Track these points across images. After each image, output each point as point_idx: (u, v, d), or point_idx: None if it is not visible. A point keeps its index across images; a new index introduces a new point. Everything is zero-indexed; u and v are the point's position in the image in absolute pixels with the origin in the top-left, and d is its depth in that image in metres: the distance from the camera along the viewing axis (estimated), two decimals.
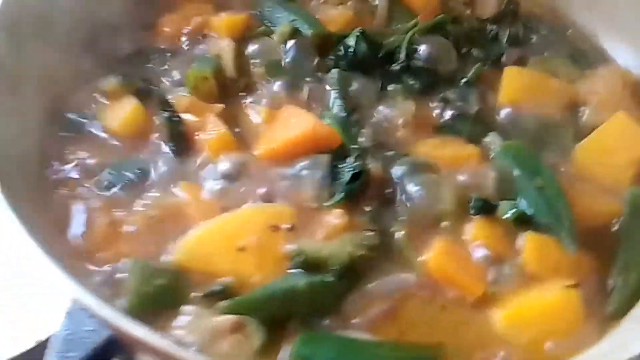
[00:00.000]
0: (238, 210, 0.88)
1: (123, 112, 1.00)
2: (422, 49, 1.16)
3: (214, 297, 0.78)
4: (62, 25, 1.08)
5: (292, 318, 0.77)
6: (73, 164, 0.95)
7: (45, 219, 0.84)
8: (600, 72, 1.15)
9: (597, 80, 1.13)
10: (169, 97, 1.04)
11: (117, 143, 0.99)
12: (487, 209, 0.92)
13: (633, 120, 1.02)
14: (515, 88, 1.11)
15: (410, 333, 0.77)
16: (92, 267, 0.82)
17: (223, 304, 0.76)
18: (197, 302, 0.78)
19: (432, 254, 0.85)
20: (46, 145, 0.96)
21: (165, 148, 0.97)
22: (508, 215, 0.89)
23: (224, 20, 1.19)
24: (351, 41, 1.15)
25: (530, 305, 0.80)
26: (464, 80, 1.14)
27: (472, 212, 0.91)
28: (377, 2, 1.28)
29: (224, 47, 1.12)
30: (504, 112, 1.09)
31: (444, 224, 0.90)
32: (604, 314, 0.82)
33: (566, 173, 0.99)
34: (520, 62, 1.18)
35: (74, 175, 0.93)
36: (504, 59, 1.19)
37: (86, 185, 0.92)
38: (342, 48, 1.15)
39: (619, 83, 1.11)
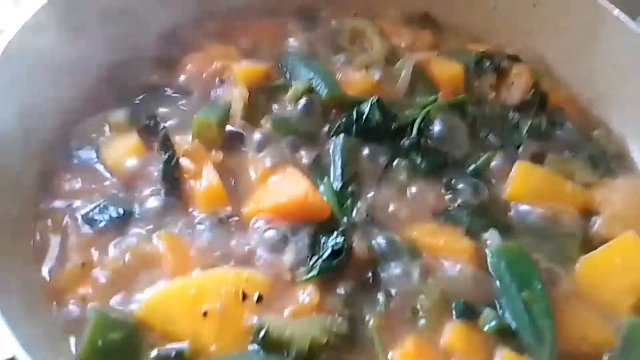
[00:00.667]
0: (210, 271, 0.86)
1: (123, 147, 1.01)
2: (436, 127, 1.13)
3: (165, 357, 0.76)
4: (81, 52, 1.10)
5: None
6: (65, 194, 0.95)
7: (25, 246, 0.84)
8: (619, 182, 1.09)
9: (615, 190, 1.07)
10: (173, 138, 1.04)
11: (112, 178, 0.99)
12: (469, 313, 0.87)
13: None
14: (526, 185, 1.06)
15: None
16: (56, 306, 0.81)
17: None
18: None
19: (400, 353, 0.80)
20: (43, 171, 0.97)
21: (154, 191, 0.97)
22: (488, 327, 0.84)
23: (243, 68, 1.20)
24: (365, 108, 1.13)
25: None
26: (472, 167, 1.10)
27: (453, 314, 0.87)
28: (402, 71, 1.26)
29: (236, 96, 1.12)
30: (509, 209, 1.05)
31: (422, 321, 0.85)
32: None
33: (564, 286, 0.93)
34: (538, 156, 1.14)
35: (62, 205, 0.94)
36: (520, 150, 1.15)
37: (70, 217, 0.92)
38: (355, 113, 1.13)
39: (638, 197, 1.05)
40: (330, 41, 1.34)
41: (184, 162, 1.00)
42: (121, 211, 0.93)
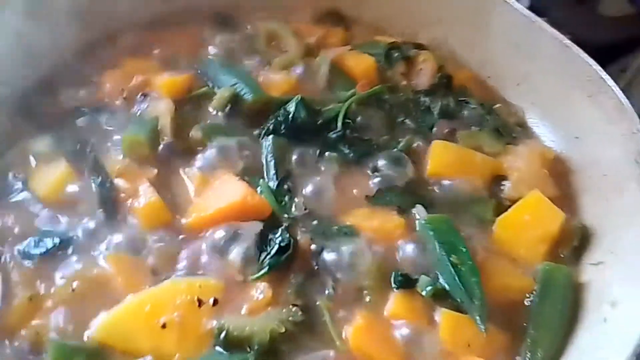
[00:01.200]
0: (163, 283, 0.88)
1: (52, 176, 0.99)
2: (360, 119, 1.21)
3: None
4: None
5: None
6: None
7: None
8: (521, 148, 1.23)
9: (518, 156, 1.20)
10: (103, 160, 1.04)
11: (45, 208, 0.98)
12: (407, 283, 0.96)
13: (547, 199, 1.09)
14: (442, 162, 1.17)
15: None
16: (10, 344, 0.80)
17: None
18: None
19: (352, 330, 0.88)
20: None
21: (93, 216, 0.97)
22: (426, 291, 0.93)
23: (165, 81, 1.21)
24: (291, 107, 1.18)
25: None
26: (395, 150, 1.19)
27: (393, 286, 0.95)
28: (319, 69, 1.33)
29: (162, 110, 1.13)
30: (431, 184, 1.15)
31: (367, 298, 0.93)
32: None
33: (485, 246, 1.05)
34: (450, 134, 1.25)
35: (3, 240, 0.92)
36: (434, 130, 1.26)
37: (8, 253, 0.90)
38: (281, 114, 1.18)
39: (538, 160, 1.19)
40: (248, 45, 1.38)
41: (119, 182, 1.01)
42: (58, 240, 0.92)
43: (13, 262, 0.90)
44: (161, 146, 1.10)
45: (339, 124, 1.20)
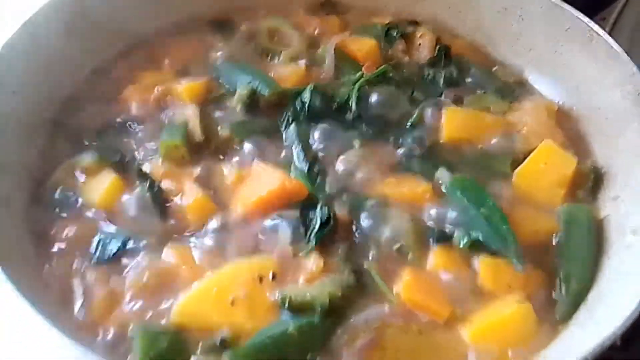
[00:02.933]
0: (225, 267, 0.95)
1: (102, 186, 1.06)
2: (373, 98, 1.29)
3: (214, 350, 0.86)
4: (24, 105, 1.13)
5: None
6: (63, 240, 1.00)
7: (46, 297, 0.89)
8: (526, 104, 1.31)
9: (524, 112, 1.29)
10: (145, 167, 1.11)
11: (100, 215, 1.05)
12: (443, 239, 1.04)
13: (558, 147, 1.18)
14: (456, 126, 1.25)
15: (398, 358, 0.87)
16: (98, 337, 0.87)
17: (224, 357, 0.83)
18: (200, 357, 0.85)
19: (402, 285, 0.96)
20: (35, 226, 1.01)
21: (147, 217, 1.04)
22: (462, 244, 1.01)
23: (185, 87, 1.28)
24: (306, 96, 1.26)
25: (492, 321, 0.92)
26: (410, 122, 1.27)
27: (431, 243, 1.03)
28: (325, 57, 1.40)
29: (190, 114, 1.21)
30: (448, 148, 1.23)
31: (410, 256, 1.01)
32: (553, 320, 0.95)
33: (508, 198, 1.13)
34: (458, 101, 1.33)
35: (67, 251, 0.99)
36: (443, 98, 1.34)
37: (79, 259, 0.97)
38: (297, 103, 1.26)
39: (544, 113, 1.27)
40: (252, 44, 1.45)
41: (165, 184, 1.08)
42: (121, 243, 0.99)
43: (85, 266, 0.97)
44: (195, 147, 1.17)
45: (353, 105, 1.27)
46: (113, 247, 0.99)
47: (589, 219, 1.09)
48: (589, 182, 1.16)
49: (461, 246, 1.01)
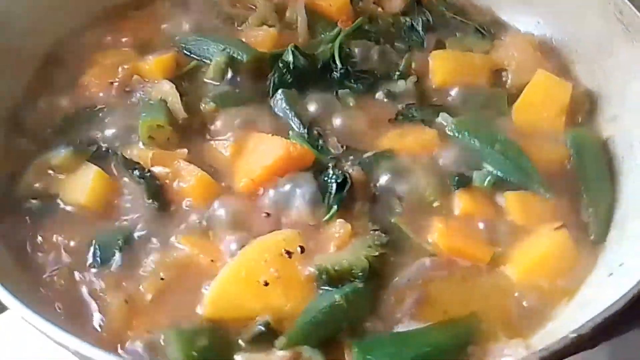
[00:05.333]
0: (247, 247, 0.86)
1: (85, 182, 0.93)
2: (357, 53, 1.22)
3: (259, 339, 0.78)
4: None
5: (339, 332, 0.79)
6: (51, 250, 0.87)
7: (55, 317, 0.76)
8: (508, 40, 1.29)
9: (508, 48, 1.26)
10: (128, 154, 0.99)
11: (89, 215, 0.92)
12: (464, 182, 1.00)
13: (552, 75, 1.16)
14: (445, 70, 1.21)
15: (449, 309, 0.83)
16: (124, 350, 0.76)
17: (281, 341, 0.75)
18: (245, 349, 0.77)
19: (437, 234, 0.91)
20: (11, 240, 0.87)
21: (146, 208, 0.93)
22: (485, 183, 0.98)
23: (154, 63, 1.16)
24: (289, 57, 1.17)
25: (535, 255, 0.90)
26: (398, 72, 1.21)
27: (453, 188, 0.99)
28: (297, 18, 1.31)
29: (168, 91, 1.08)
30: (442, 94, 1.19)
31: (435, 204, 0.96)
32: (588, 243, 0.94)
33: (511, 133, 1.11)
34: (440, 46, 1.29)
35: (61, 261, 0.86)
36: (425, 45, 1.29)
37: (78, 268, 0.85)
38: (281, 65, 1.17)
39: (529, 46, 1.26)
40: (214, 11, 1.33)
41: (156, 170, 0.96)
42: (122, 241, 0.88)
43: (89, 274, 0.85)
44: (178, 126, 1.05)
45: (338, 63, 1.20)
46: (115, 247, 0.87)
47: (595, 140, 1.09)
48: (586, 106, 1.16)
49: (485, 185, 0.98)
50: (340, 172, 0.97)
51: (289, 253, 0.86)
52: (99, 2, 1.29)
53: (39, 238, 0.89)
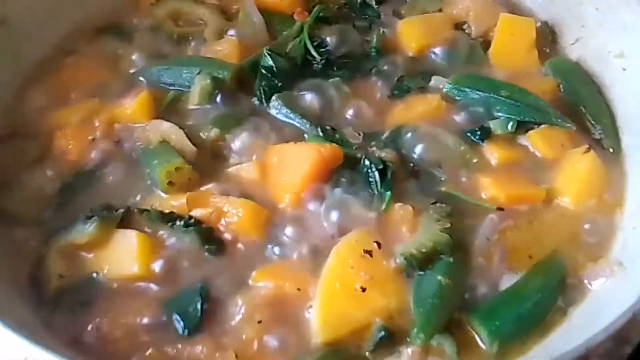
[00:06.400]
0: (328, 261, 0.83)
1: (130, 250, 0.83)
2: (329, 41, 1.20)
3: (381, 344, 0.76)
4: None
5: (455, 311, 0.80)
6: (127, 334, 0.77)
7: None
8: None
9: (460, 1, 1.31)
10: (158, 206, 0.90)
11: (145, 284, 0.83)
12: (485, 133, 1.04)
13: (515, 16, 1.23)
14: (417, 35, 1.22)
15: (532, 253, 0.87)
16: None
17: (416, 336, 0.74)
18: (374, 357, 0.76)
19: (491, 189, 0.95)
20: (64, 335, 0.77)
21: (202, 257, 0.85)
22: (509, 128, 1.02)
23: (133, 106, 1.05)
24: (269, 62, 1.13)
25: (577, 180, 0.96)
26: (372, 48, 1.22)
27: (478, 141, 1.03)
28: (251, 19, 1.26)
29: (168, 130, 0.99)
30: (422, 58, 1.21)
31: (474, 161, 0.99)
32: (609, 155, 1.02)
33: (501, 74, 1.16)
34: (397, 14, 1.31)
35: (145, 341, 0.77)
36: (382, 17, 1.30)
37: (169, 342, 0.76)
38: (264, 72, 1.12)
39: None
40: (162, 36, 1.24)
41: (197, 213, 0.89)
42: (199, 299, 0.80)
43: (183, 344, 0.77)
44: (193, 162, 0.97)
45: (315, 55, 1.17)
46: (196, 308, 0.79)
47: (573, 64, 1.18)
48: (548, 37, 1.25)
49: (508, 130, 1.02)
50: (375, 159, 0.97)
51: (368, 252, 0.84)
52: (23, 57, 1.15)
53: (104, 327, 0.78)
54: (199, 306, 0.79)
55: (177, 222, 0.86)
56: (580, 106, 1.10)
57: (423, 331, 0.76)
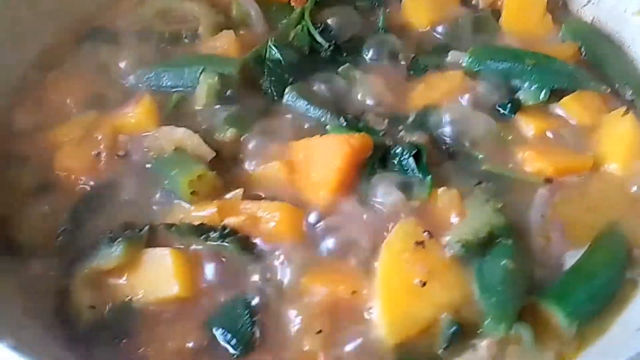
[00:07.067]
0: (381, 258, 0.77)
1: (165, 270, 0.76)
2: (333, 25, 1.13)
3: (456, 338, 0.71)
4: None
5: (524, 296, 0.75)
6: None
7: None
8: None
9: None
10: (186, 219, 0.82)
11: (185, 304, 0.75)
12: (515, 105, 0.99)
13: None
14: (424, 11, 1.17)
15: (590, 224, 0.83)
16: None
17: (494, 327, 0.70)
18: (447, 356, 0.70)
19: (532, 163, 0.90)
20: None
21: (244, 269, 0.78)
22: (542, 97, 0.98)
23: (138, 114, 0.97)
24: (275, 54, 1.06)
25: (622, 143, 0.92)
26: (380, 28, 1.15)
27: (511, 115, 0.98)
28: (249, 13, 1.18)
29: (182, 136, 0.91)
30: (432, 33, 1.16)
31: (509, 137, 0.94)
32: None
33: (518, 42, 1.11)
34: None
35: None
36: None
37: None
38: (271, 65, 1.05)
39: None
40: (153, 37, 1.15)
41: (230, 221, 0.81)
42: (247, 313, 0.73)
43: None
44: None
45: (322, 41, 1.11)
46: (245, 324, 0.72)
47: (589, 25, 1.14)
48: (559, 1, 1.20)
49: (541, 99, 0.98)
50: (406, 143, 0.91)
51: (420, 243, 0.79)
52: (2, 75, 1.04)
53: (151, 358, 0.70)
54: (248, 321, 0.72)
55: (212, 234, 0.78)
56: (605, 68, 1.06)
57: (503, 321, 0.71)
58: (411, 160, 0.89)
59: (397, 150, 0.90)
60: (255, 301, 0.75)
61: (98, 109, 1.02)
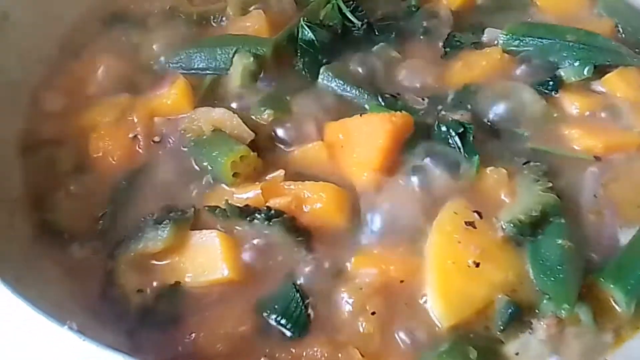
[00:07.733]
0: (431, 239, 0.76)
1: (214, 252, 0.74)
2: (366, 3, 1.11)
3: (513, 319, 0.70)
4: None
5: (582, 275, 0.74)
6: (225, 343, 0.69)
7: None
8: None
9: None
10: (231, 201, 0.80)
11: (236, 287, 0.74)
12: (558, 83, 0.97)
13: None
14: None
15: None
16: None
17: (558, 307, 0.69)
18: (505, 337, 0.69)
19: (585, 140, 0.88)
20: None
21: (290, 250, 0.77)
22: (585, 73, 0.95)
23: (173, 96, 0.95)
24: (308, 34, 1.03)
25: None
26: (413, 6, 1.13)
27: (552, 94, 0.95)
28: None
29: (221, 117, 0.89)
30: (464, 13, 1.13)
31: (555, 115, 0.92)
32: None
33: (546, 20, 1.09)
34: None
35: (250, 347, 0.68)
36: None
37: (280, 349, 0.68)
38: (304, 45, 1.03)
39: None
40: (179, 19, 1.13)
41: (276, 202, 0.79)
42: (298, 296, 0.72)
43: (296, 347, 0.69)
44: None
45: (355, 20, 1.08)
46: (298, 307, 0.71)
47: (624, 1, 1.11)
48: None
49: (585, 75, 0.95)
50: (451, 123, 0.89)
51: (470, 224, 0.77)
52: (30, 55, 1.02)
53: (202, 342, 0.69)
54: (300, 303, 0.71)
55: (258, 216, 0.77)
56: None
57: (566, 301, 0.69)
58: (457, 138, 0.87)
59: (442, 129, 0.88)
60: (304, 283, 0.74)
61: (129, 92, 1.00)
